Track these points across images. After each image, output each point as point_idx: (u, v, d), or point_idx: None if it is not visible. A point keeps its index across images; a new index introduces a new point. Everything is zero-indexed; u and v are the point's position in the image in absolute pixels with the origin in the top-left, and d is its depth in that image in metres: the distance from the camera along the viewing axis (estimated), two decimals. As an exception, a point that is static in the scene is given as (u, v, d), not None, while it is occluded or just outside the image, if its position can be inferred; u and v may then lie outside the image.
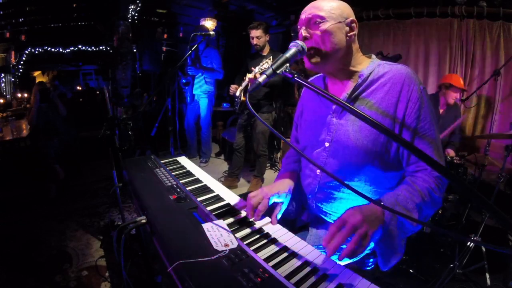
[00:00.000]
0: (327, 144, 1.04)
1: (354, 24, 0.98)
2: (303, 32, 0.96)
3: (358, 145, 0.97)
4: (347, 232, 0.75)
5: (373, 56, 1.06)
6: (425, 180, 0.92)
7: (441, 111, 2.72)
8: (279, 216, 1.02)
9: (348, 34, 0.97)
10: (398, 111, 0.94)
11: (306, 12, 0.97)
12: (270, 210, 1.03)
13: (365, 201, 0.97)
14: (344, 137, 1.00)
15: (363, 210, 0.80)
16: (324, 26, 0.93)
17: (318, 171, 1.07)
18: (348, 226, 0.76)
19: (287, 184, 1.11)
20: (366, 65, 1.02)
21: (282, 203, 1.05)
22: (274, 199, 1.04)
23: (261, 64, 2.67)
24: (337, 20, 0.94)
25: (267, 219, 1.01)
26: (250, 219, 1.00)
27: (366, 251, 0.79)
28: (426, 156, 0.57)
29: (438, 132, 0.98)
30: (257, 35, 2.87)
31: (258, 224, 0.98)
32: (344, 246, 0.75)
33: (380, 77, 0.98)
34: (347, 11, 0.98)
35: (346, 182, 0.96)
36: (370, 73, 0.99)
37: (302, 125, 1.21)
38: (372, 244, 0.84)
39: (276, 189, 1.06)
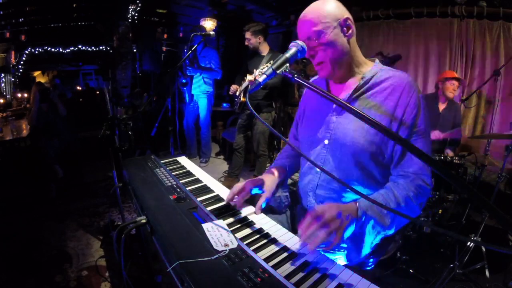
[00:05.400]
0: (326, 142, 1.07)
1: (349, 22, 0.97)
2: (308, 51, 0.96)
3: (354, 144, 0.99)
4: (323, 222, 0.80)
5: (377, 60, 1.08)
6: (405, 188, 0.94)
7: (441, 108, 2.72)
8: (263, 206, 1.06)
9: (347, 34, 0.97)
10: (395, 115, 0.96)
11: (302, 31, 0.96)
12: (255, 202, 1.07)
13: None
14: (342, 135, 1.02)
15: (340, 206, 0.87)
16: (323, 39, 0.94)
17: (318, 168, 1.09)
18: (325, 216, 0.81)
19: (272, 177, 1.16)
20: (369, 68, 1.04)
21: (265, 194, 1.08)
22: (256, 190, 1.08)
23: (261, 67, 2.69)
24: (332, 27, 0.94)
25: (267, 218, 1.02)
26: (226, 202, 1.08)
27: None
28: (422, 152, 0.58)
29: (430, 141, 1.01)
30: (247, 37, 2.94)
31: (258, 224, 0.98)
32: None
33: (381, 82, 1.00)
34: (338, 11, 0.96)
35: (343, 180, 0.98)
36: (372, 76, 1.01)
37: (303, 123, 1.23)
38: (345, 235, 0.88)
39: (260, 181, 1.11)
